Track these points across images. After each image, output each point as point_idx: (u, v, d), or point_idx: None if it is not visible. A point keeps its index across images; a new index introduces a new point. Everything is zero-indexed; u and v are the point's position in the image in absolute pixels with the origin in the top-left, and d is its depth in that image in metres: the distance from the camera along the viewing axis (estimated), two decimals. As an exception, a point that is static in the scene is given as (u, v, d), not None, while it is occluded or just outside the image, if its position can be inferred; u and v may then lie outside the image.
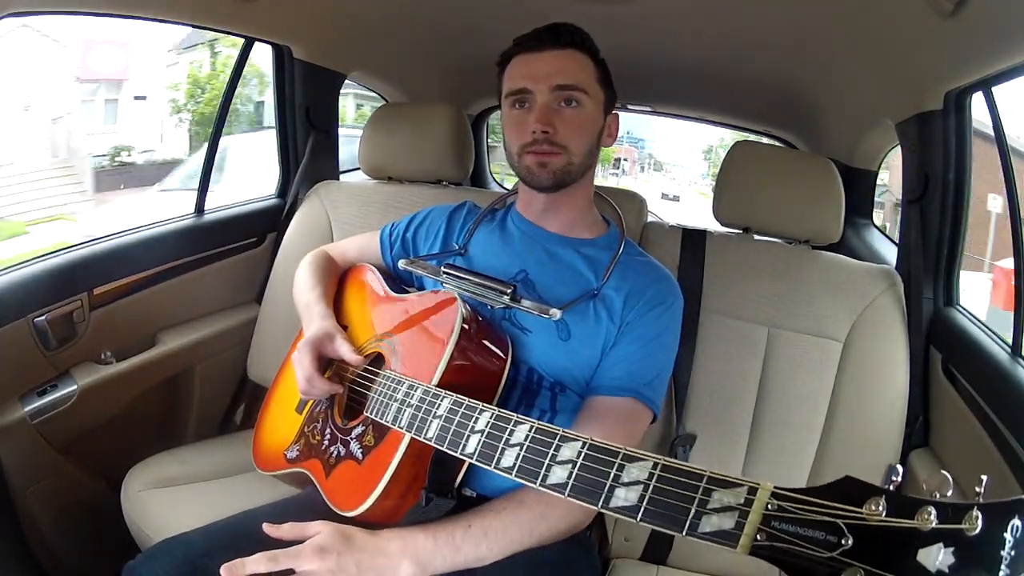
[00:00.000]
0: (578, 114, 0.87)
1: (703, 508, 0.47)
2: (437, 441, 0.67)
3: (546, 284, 0.89)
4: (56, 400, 1.13)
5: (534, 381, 0.86)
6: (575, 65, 0.87)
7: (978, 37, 0.94)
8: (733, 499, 0.46)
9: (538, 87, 0.85)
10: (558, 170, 0.87)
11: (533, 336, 0.86)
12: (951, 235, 1.15)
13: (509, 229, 0.98)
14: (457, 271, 0.89)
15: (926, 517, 0.38)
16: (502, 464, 0.60)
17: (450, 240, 1.00)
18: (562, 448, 0.56)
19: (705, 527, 0.46)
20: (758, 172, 1.20)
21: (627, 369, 0.84)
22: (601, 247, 0.94)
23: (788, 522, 0.43)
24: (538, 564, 0.74)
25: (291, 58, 1.50)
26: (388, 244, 1.05)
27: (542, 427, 0.59)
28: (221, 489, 1.13)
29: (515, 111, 0.89)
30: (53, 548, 1.16)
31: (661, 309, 0.88)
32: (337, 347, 0.85)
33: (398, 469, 0.72)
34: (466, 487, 0.83)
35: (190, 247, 1.37)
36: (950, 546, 0.37)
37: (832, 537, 0.41)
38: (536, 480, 0.57)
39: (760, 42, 1.38)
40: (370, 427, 0.79)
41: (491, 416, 0.64)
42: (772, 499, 0.44)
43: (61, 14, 1.11)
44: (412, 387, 0.73)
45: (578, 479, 0.54)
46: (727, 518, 0.45)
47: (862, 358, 1.09)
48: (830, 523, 0.41)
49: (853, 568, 0.39)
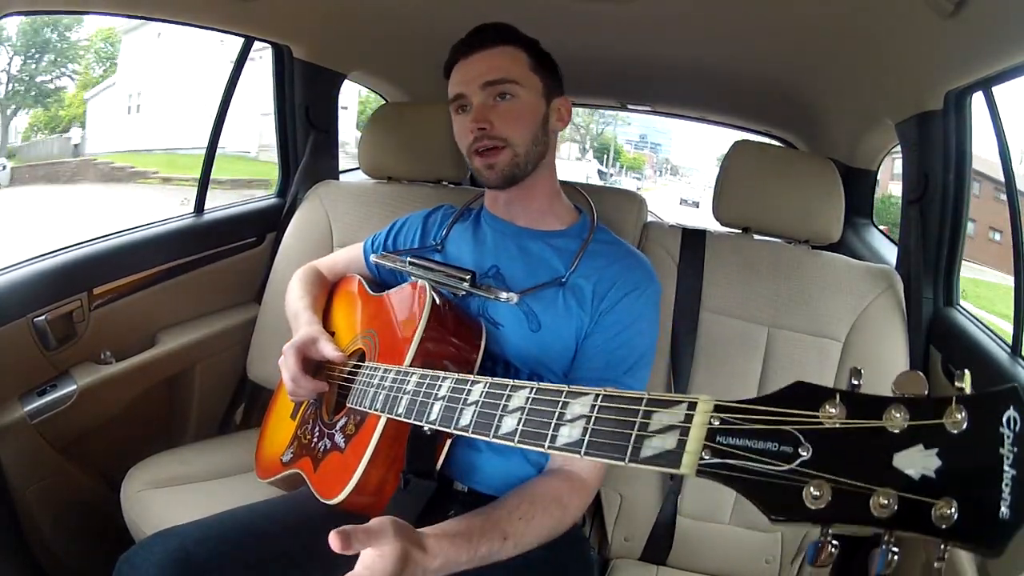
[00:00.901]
0: (513, 105, 0.88)
1: (644, 431, 0.44)
2: (406, 415, 0.68)
3: (516, 278, 0.91)
4: (56, 400, 1.13)
5: (510, 374, 0.87)
6: (504, 60, 0.89)
7: (978, 37, 0.94)
8: (673, 418, 0.43)
9: (470, 89, 0.88)
10: (505, 167, 0.88)
11: (505, 329, 0.88)
12: (951, 235, 1.15)
13: (482, 226, 0.99)
14: (423, 261, 0.92)
15: (895, 415, 0.34)
16: (460, 423, 0.60)
17: (427, 241, 1.03)
18: (512, 398, 0.56)
19: (647, 451, 0.43)
20: (758, 172, 1.20)
21: (604, 359, 0.85)
22: (571, 236, 0.95)
23: (735, 435, 0.39)
24: (529, 562, 0.74)
25: (291, 58, 1.50)
26: (371, 253, 1.07)
27: (496, 382, 0.60)
28: (221, 489, 1.13)
29: (458, 116, 0.91)
30: (53, 548, 1.16)
31: (635, 295, 0.88)
32: (320, 348, 0.87)
33: (375, 451, 0.73)
34: (457, 481, 0.84)
35: (190, 247, 1.37)
36: (932, 447, 0.33)
37: (787, 447, 0.36)
38: (489, 432, 0.56)
39: (760, 42, 1.38)
40: (352, 416, 0.81)
41: (452, 382, 0.64)
42: (715, 412, 0.41)
43: (61, 14, 1.11)
44: (387, 371, 0.75)
45: (526, 424, 0.54)
46: (668, 438, 0.42)
47: (862, 358, 1.09)
48: (783, 432, 0.37)
49: (817, 479, 0.35)
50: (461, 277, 0.87)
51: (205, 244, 1.40)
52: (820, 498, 0.35)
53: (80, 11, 1.11)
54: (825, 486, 0.35)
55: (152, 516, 1.06)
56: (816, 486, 0.35)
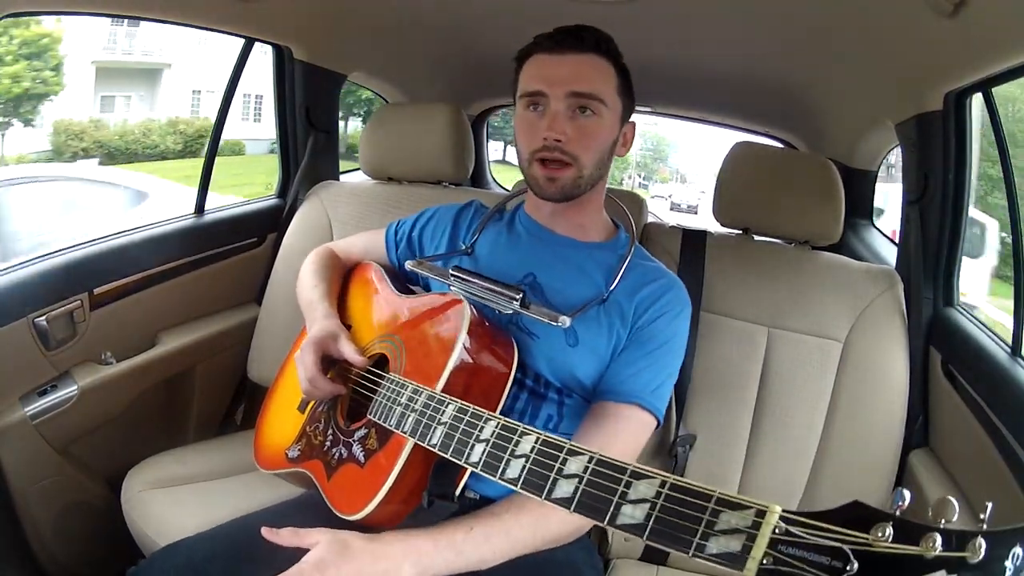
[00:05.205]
0: (593, 124, 0.84)
1: (710, 529, 0.46)
2: (441, 448, 0.66)
3: (554, 287, 0.88)
4: (56, 400, 1.13)
5: (541, 386, 0.85)
6: (595, 72, 0.84)
7: (978, 37, 0.94)
8: (741, 521, 0.45)
9: (553, 92, 0.82)
10: (567, 185, 0.85)
11: (540, 341, 0.85)
12: (951, 235, 1.15)
13: (517, 230, 0.96)
14: (465, 274, 0.87)
15: (931, 544, 0.38)
16: (507, 475, 0.59)
17: (457, 240, 0.98)
18: (569, 462, 0.56)
19: (712, 548, 0.46)
20: (758, 172, 1.20)
21: (634, 376, 0.83)
22: (610, 251, 0.92)
23: (795, 546, 0.42)
24: (542, 566, 0.74)
25: (291, 58, 1.50)
26: (393, 242, 1.03)
27: (548, 439, 0.58)
28: (221, 489, 1.13)
29: (528, 113, 0.86)
30: (53, 548, 1.16)
31: (671, 316, 0.86)
32: (341, 347, 0.84)
33: (401, 474, 0.71)
34: (469, 489, 0.82)
35: (190, 247, 1.37)
36: (952, 573, 0.38)
37: (838, 562, 0.41)
38: (541, 493, 0.56)
39: (760, 42, 1.38)
40: (373, 430, 0.78)
41: (496, 425, 0.63)
42: (780, 522, 0.44)
43: (61, 14, 1.11)
44: (416, 391, 0.72)
45: (584, 495, 0.53)
46: (734, 540, 0.45)
47: (862, 358, 1.09)
48: (837, 549, 0.41)
49: None
50: (511, 296, 0.82)
51: (206, 244, 1.40)
52: None
53: (80, 11, 1.11)
54: None
55: (152, 516, 1.06)
56: None
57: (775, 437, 1.10)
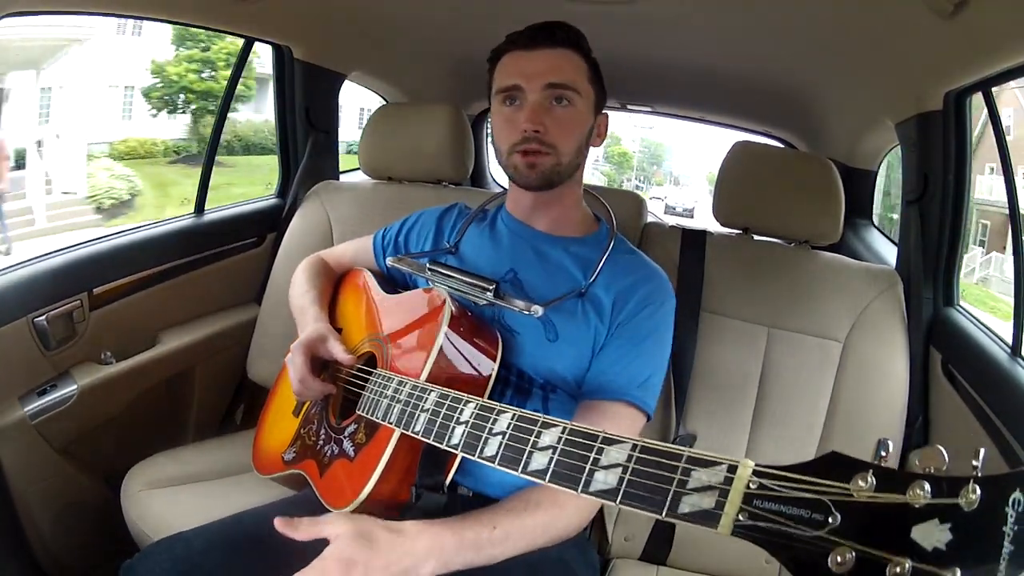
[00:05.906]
0: (569, 113, 0.86)
1: (682, 488, 0.45)
2: (424, 434, 0.67)
3: (533, 283, 0.89)
4: (56, 400, 1.13)
5: (524, 382, 0.86)
6: (568, 64, 0.86)
7: (978, 37, 0.94)
8: (713, 478, 0.44)
9: (530, 85, 0.85)
10: (547, 170, 0.86)
11: (521, 337, 0.86)
12: (951, 235, 1.15)
13: (499, 228, 0.97)
14: (443, 268, 0.89)
15: (918, 492, 0.36)
16: (485, 453, 0.60)
17: (440, 241, 1.00)
18: (543, 435, 0.56)
19: (684, 508, 0.45)
20: (758, 172, 1.20)
21: (619, 371, 0.84)
22: (590, 245, 0.93)
23: (771, 500, 0.41)
24: (535, 564, 0.74)
25: (291, 58, 1.50)
26: (381, 248, 1.05)
27: (524, 415, 0.59)
28: (221, 489, 1.13)
29: (505, 108, 0.87)
30: (53, 548, 1.16)
31: (652, 308, 0.87)
32: (330, 347, 0.85)
33: (388, 464, 0.72)
34: (461, 485, 0.83)
35: (190, 247, 1.37)
36: (946, 522, 0.35)
37: (818, 515, 0.39)
38: (518, 467, 0.56)
39: (760, 42, 1.38)
40: (362, 425, 0.80)
41: (475, 407, 0.64)
42: (753, 477, 0.43)
43: (61, 14, 1.11)
44: (401, 383, 0.74)
45: (558, 464, 0.54)
46: (707, 497, 0.44)
47: (862, 358, 1.09)
48: (816, 500, 0.39)
49: (842, 547, 0.38)
50: (484, 287, 0.84)
51: (205, 244, 1.40)
52: (843, 563, 0.37)
53: (80, 11, 1.11)
54: (849, 553, 0.37)
55: (152, 516, 1.06)
56: (841, 552, 0.38)
57: (775, 437, 1.09)
